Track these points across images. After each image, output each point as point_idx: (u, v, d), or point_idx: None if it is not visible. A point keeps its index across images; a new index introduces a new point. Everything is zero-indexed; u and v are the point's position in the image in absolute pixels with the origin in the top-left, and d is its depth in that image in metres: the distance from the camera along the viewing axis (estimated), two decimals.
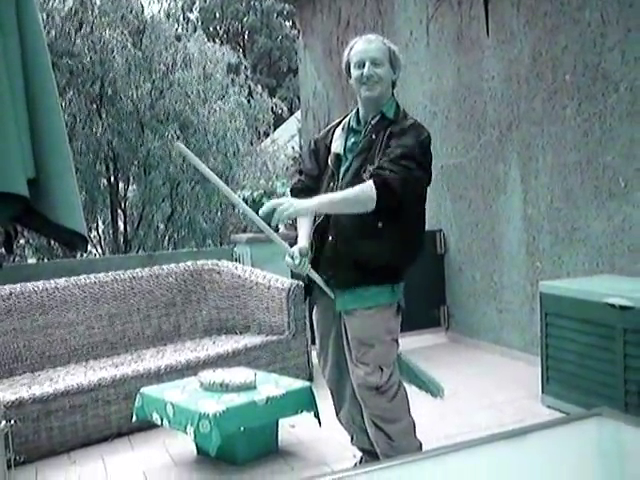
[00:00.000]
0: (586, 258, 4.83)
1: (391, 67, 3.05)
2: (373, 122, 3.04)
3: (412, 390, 3.29)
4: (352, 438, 3.36)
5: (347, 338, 3.09)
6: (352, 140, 3.09)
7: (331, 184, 3.08)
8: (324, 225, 3.07)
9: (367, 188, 2.81)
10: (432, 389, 3.32)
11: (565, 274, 4.98)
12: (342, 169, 3.07)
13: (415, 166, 2.89)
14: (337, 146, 3.12)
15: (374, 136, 3.01)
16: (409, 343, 6.03)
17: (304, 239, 3.11)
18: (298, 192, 3.14)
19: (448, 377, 5.13)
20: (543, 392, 4.39)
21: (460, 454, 1.58)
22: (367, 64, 2.99)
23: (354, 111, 3.15)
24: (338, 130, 3.17)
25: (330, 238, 3.02)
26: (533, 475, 1.63)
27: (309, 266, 3.02)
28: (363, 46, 3.03)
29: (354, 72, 3.03)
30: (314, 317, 3.33)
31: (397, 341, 3.13)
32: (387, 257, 2.96)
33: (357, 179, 2.96)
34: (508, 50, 5.42)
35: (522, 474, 1.63)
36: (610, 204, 4.61)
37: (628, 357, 3.73)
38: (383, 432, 3.10)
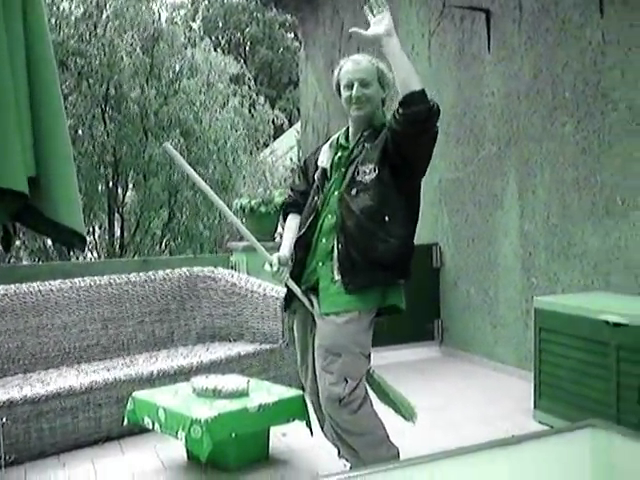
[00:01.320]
0: (581, 275, 4.84)
1: (380, 86, 3.09)
2: (366, 134, 3.08)
3: None
4: (339, 451, 3.30)
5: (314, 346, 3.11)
6: (339, 155, 3.14)
7: (315, 198, 3.14)
8: (307, 238, 3.11)
9: (419, 84, 2.80)
10: (404, 413, 3.24)
11: (560, 290, 4.99)
12: (328, 184, 3.12)
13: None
14: (323, 160, 3.19)
15: (367, 145, 3.04)
16: (402, 356, 6.07)
17: (286, 248, 3.20)
18: (288, 206, 3.38)
19: (440, 389, 5.19)
20: (535, 407, 4.39)
21: (449, 461, 1.57)
22: (356, 85, 3.04)
23: (344, 129, 3.22)
24: (325, 146, 3.25)
25: (339, 245, 3.00)
26: None
27: (287, 275, 3.12)
28: (351, 67, 3.09)
29: (344, 93, 3.09)
30: (294, 330, 3.34)
31: (368, 356, 3.09)
32: (397, 251, 2.97)
33: (353, 184, 3.00)
34: (509, 66, 5.45)
35: None
36: (607, 221, 4.63)
37: (621, 374, 3.73)
38: (347, 444, 3.08)
